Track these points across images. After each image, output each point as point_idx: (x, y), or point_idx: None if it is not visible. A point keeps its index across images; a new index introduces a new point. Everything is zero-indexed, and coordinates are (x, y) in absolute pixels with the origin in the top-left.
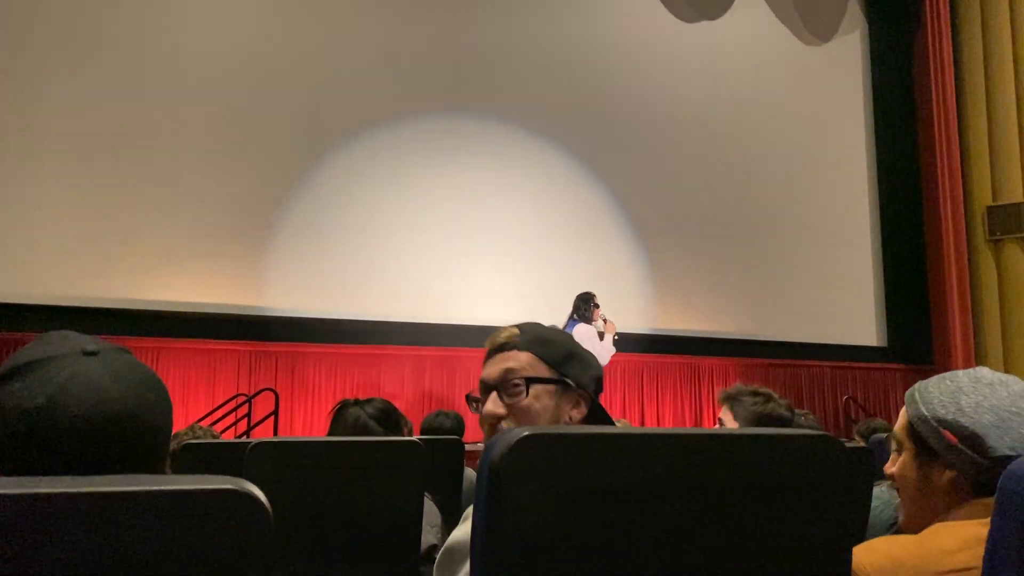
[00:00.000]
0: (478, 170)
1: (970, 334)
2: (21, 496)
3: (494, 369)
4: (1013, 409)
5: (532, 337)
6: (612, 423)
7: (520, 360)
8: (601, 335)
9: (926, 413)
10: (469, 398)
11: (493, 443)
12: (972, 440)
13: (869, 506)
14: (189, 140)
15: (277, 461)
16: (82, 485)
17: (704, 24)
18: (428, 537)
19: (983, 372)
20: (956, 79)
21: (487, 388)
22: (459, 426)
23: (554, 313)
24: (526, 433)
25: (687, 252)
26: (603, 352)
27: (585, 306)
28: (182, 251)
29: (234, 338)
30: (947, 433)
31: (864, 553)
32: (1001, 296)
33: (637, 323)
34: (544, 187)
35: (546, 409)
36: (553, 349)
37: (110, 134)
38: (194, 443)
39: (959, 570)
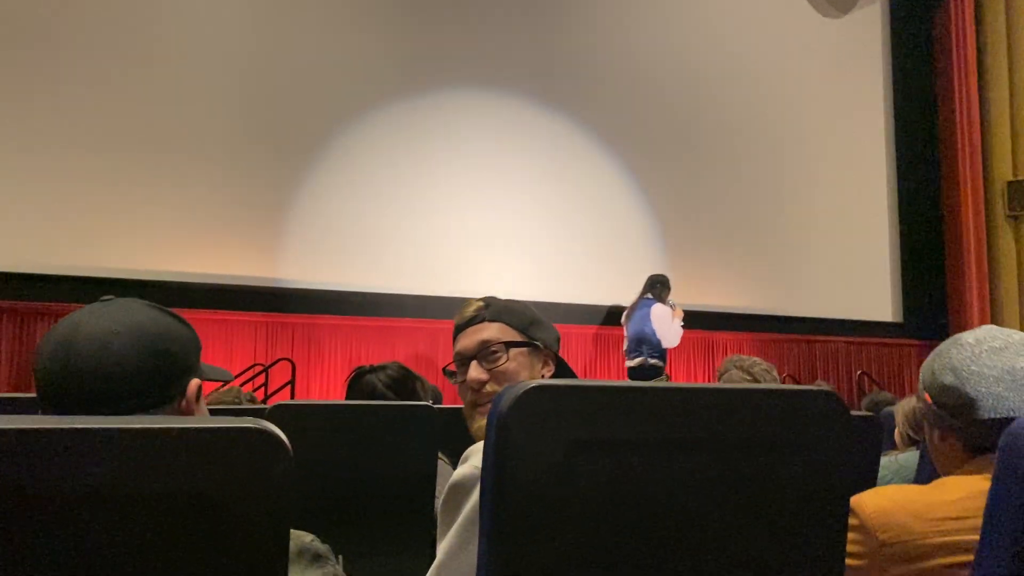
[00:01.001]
0: (494, 144)
1: (987, 311)
2: (60, 431)
3: (470, 341)
4: (994, 373)
5: (497, 308)
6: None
7: (492, 330)
8: (673, 316)
9: (920, 378)
10: (447, 371)
11: (502, 395)
12: (948, 403)
13: (875, 474)
14: (206, 111)
15: (295, 423)
16: (116, 422)
17: None
18: None
19: (980, 332)
20: (977, 53)
21: (465, 359)
22: (437, 398)
23: (566, 284)
24: (533, 385)
25: (702, 227)
26: (677, 332)
27: (663, 288)
28: (200, 224)
29: (251, 309)
30: (927, 396)
31: (870, 495)
32: (1020, 273)
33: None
34: (559, 161)
35: (523, 368)
36: (518, 317)
37: (128, 106)
38: (216, 407)
39: (957, 518)
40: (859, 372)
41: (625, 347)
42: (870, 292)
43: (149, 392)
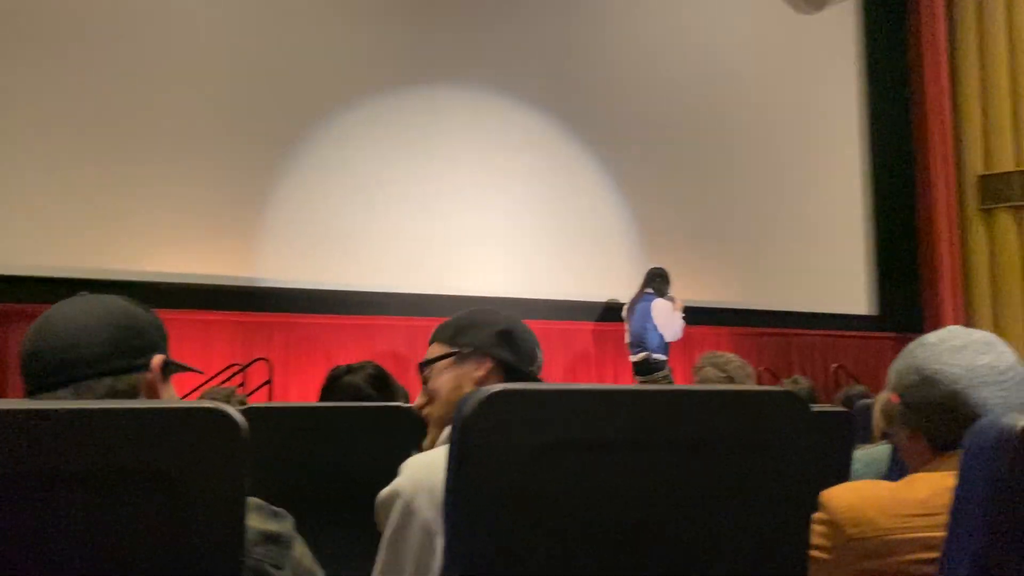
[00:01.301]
0: (476, 141)
1: (961, 303)
2: (28, 411)
3: None
4: (956, 372)
5: (439, 327)
6: (530, 366)
7: (428, 353)
8: (673, 310)
9: (887, 378)
10: None
11: (464, 400)
12: (914, 402)
13: (848, 468)
14: (180, 110)
15: (268, 426)
16: (80, 403)
17: None
18: None
19: (943, 332)
20: (950, 47)
21: None
22: (405, 399)
23: (542, 282)
24: (496, 389)
25: (679, 223)
26: (679, 325)
27: (663, 281)
28: (176, 223)
29: (228, 309)
30: (894, 396)
31: (840, 490)
32: (992, 265)
33: (628, 293)
34: (540, 162)
35: (447, 382)
36: (446, 329)
37: (103, 105)
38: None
39: (925, 515)
40: (835, 366)
41: (628, 341)
42: (846, 286)
43: (115, 358)
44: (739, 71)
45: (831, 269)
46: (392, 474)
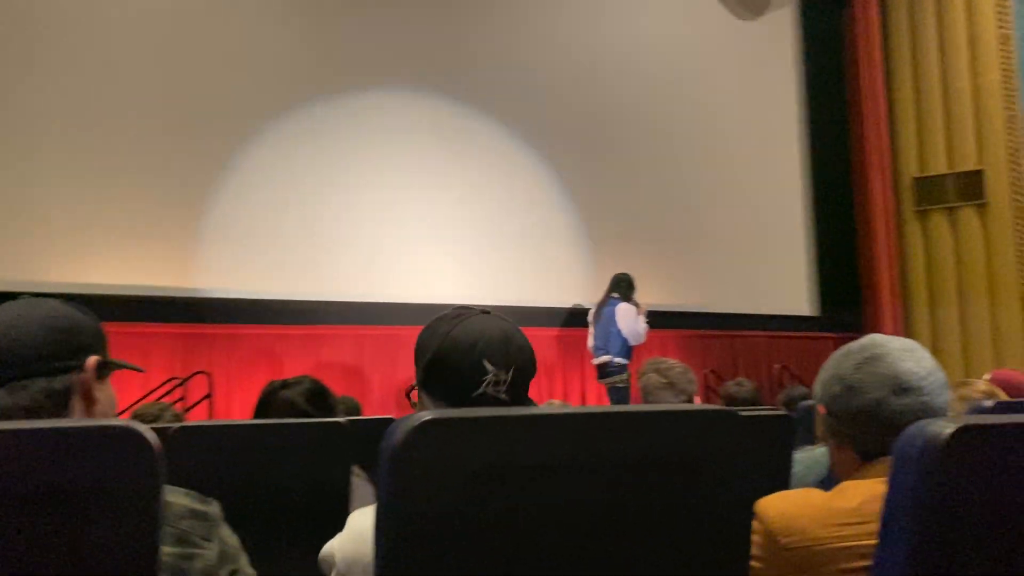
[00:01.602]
0: (420, 146)
1: (899, 303)
2: None
3: None
4: (877, 380)
5: None
6: (472, 391)
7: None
8: (637, 314)
9: (813, 390)
10: None
11: (393, 428)
12: (839, 413)
13: (788, 472)
14: (114, 115)
15: (201, 446)
16: None
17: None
18: None
19: (864, 341)
20: (884, 54)
21: None
22: (355, 410)
23: (491, 287)
24: (426, 418)
25: (625, 226)
26: (642, 329)
27: (628, 287)
28: (111, 233)
29: (166, 321)
30: (821, 407)
31: (774, 500)
32: (928, 265)
33: (576, 297)
34: (483, 166)
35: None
36: (416, 355)
37: (32, 112)
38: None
39: (856, 523)
40: (778, 366)
41: (591, 344)
42: (788, 287)
43: (49, 359)
44: (681, 76)
45: (774, 271)
46: (330, 491)
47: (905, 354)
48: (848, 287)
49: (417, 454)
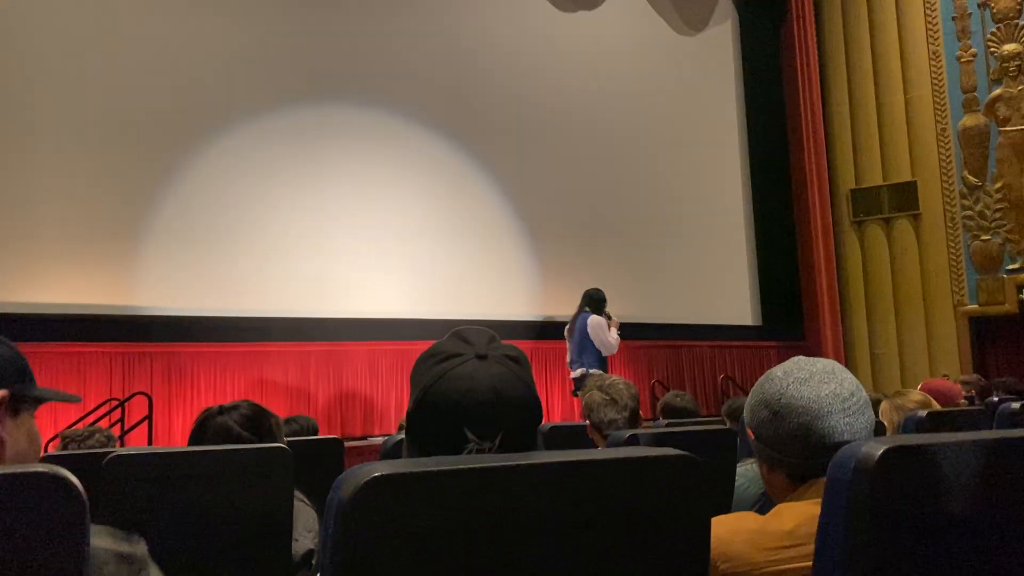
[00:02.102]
0: (360, 163)
1: (837, 311)
2: None
3: None
4: (802, 404)
5: None
6: (452, 443)
7: None
8: (610, 326)
9: (743, 415)
10: None
11: (340, 482)
12: (767, 437)
13: (731, 486)
14: (50, 134)
15: (136, 474)
16: None
17: (582, 14)
18: (305, 542)
19: (788, 365)
20: (820, 69)
21: None
22: (312, 429)
23: (439, 303)
24: (377, 473)
25: (571, 238)
26: (614, 340)
27: (599, 301)
28: (45, 250)
29: (105, 340)
30: (750, 432)
31: (714, 524)
32: (865, 274)
33: (526, 310)
34: (430, 179)
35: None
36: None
37: None
38: (52, 455)
39: (791, 545)
40: (722, 376)
41: (568, 359)
42: (731, 298)
43: None
44: (627, 93)
45: (717, 282)
46: (271, 518)
47: (827, 376)
48: (789, 297)
49: (366, 512)
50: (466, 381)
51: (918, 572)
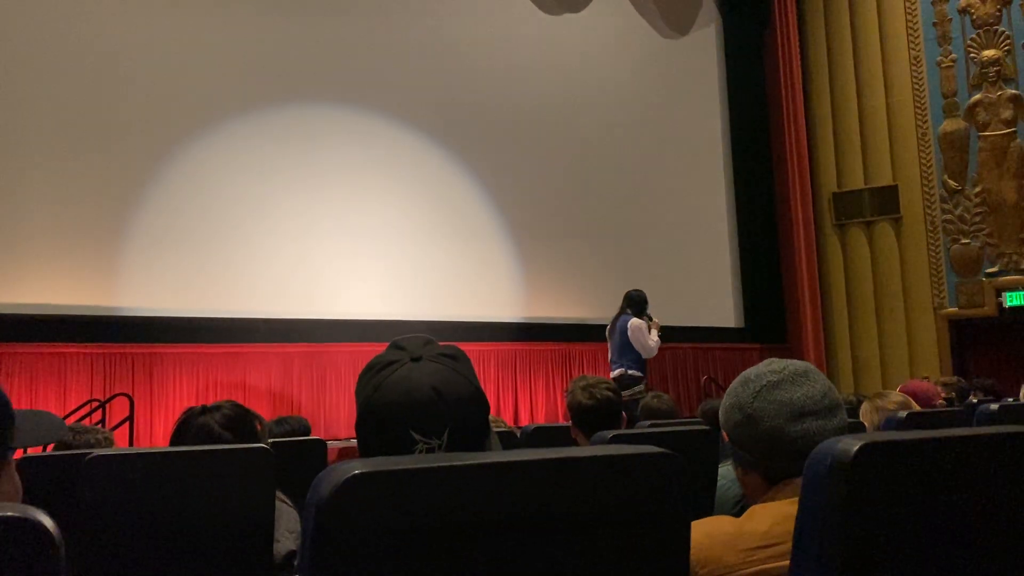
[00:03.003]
0: (342, 165)
1: (819, 313)
2: None
3: None
4: (774, 408)
5: None
6: (409, 445)
7: None
8: (650, 328)
9: (719, 418)
10: None
11: (319, 481)
12: (741, 440)
13: (713, 486)
14: (34, 135)
15: (116, 475)
16: None
17: (568, 17)
18: (287, 543)
19: (761, 367)
20: (803, 73)
21: None
22: (305, 429)
23: (422, 305)
24: (356, 471)
25: (555, 241)
26: (654, 343)
27: (640, 303)
28: (27, 250)
29: (86, 340)
30: (725, 435)
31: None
32: (847, 277)
33: (509, 312)
34: (411, 181)
35: None
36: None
37: None
38: (33, 456)
39: (767, 546)
40: (705, 377)
41: (610, 359)
42: (714, 300)
43: None
44: (613, 97)
45: (700, 284)
46: (253, 520)
47: (799, 379)
48: (771, 299)
49: (346, 510)
50: (403, 383)
51: (895, 568)
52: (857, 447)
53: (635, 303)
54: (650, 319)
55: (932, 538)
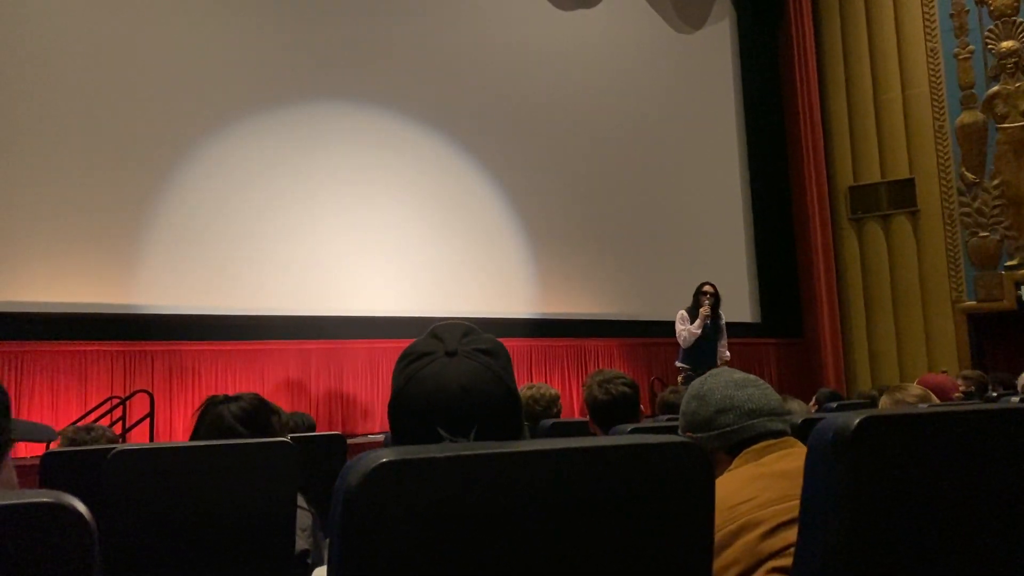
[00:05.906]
0: (358, 163)
1: (836, 308)
2: None
3: None
4: (720, 385)
5: None
6: (432, 431)
7: None
8: (695, 318)
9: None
10: None
11: (348, 469)
12: (700, 423)
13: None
14: (52, 133)
15: (139, 469)
16: None
17: (581, 12)
18: (299, 542)
19: (709, 374)
20: (818, 66)
21: None
22: (310, 427)
23: (437, 301)
24: (384, 459)
25: (569, 238)
26: (685, 335)
27: (696, 295)
28: (47, 249)
29: (106, 338)
30: (688, 434)
31: None
32: (864, 271)
33: (524, 308)
34: (427, 178)
35: None
36: None
37: None
38: (56, 451)
39: (744, 501)
40: None
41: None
42: (730, 294)
43: None
44: (622, 91)
45: (716, 279)
46: (273, 516)
47: (736, 372)
48: (788, 293)
49: (375, 497)
50: (433, 380)
51: (900, 539)
52: (858, 421)
53: (697, 296)
54: (698, 306)
55: (936, 511)
